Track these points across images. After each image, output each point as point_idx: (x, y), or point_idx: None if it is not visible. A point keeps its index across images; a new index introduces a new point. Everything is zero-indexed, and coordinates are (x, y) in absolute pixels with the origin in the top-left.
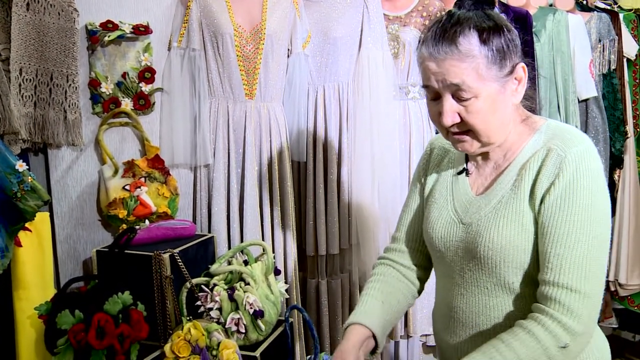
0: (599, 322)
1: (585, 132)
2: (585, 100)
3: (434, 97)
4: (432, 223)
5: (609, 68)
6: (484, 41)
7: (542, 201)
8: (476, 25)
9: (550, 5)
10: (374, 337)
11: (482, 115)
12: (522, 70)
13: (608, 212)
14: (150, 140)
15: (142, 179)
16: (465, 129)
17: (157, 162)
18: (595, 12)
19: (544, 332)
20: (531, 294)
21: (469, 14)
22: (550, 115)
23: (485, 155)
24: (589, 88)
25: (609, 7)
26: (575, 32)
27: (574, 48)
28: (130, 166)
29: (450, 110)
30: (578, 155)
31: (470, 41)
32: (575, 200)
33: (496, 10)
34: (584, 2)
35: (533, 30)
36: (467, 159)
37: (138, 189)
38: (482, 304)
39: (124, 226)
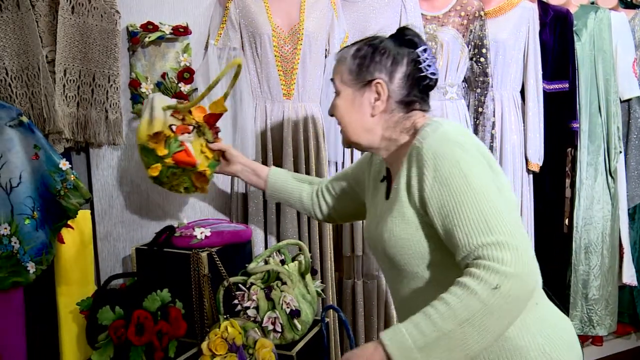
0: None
1: (628, 133)
2: (628, 101)
3: None
4: (365, 228)
5: None
6: (354, 54)
7: (421, 194)
8: (361, 42)
9: (592, 3)
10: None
11: (339, 110)
12: (379, 86)
13: (481, 170)
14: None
15: (191, 128)
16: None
17: (212, 118)
18: (639, 9)
19: (470, 279)
20: (442, 278)
21: (377, 37)
22: (590, 116)
23: (389, 163)
24: (632, 88)
25: None
26: (618, 30)
27: (616, 46)
28: (179, 110)
29: (332, 102)
30: (432, 141)
31: (348, 52)
32: (447, 178)
33: (424, 48)
34: None
35: (574, 29)
36: (388, 168)
37: (183, 135)
38: (405, 297)
39: (156, 168)
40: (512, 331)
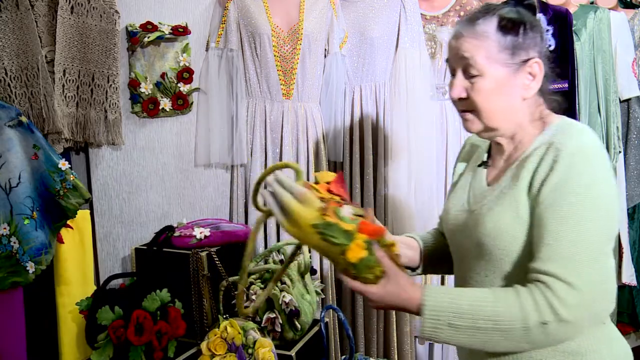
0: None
1: (627, 132)
2: (627, 100)
3: (453, 73)
4: (446, 210)
5: None
6: (502, 27)
7: (538, 193)
8: (500, 13)
9: (592, 2)
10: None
11: (484, 95)
12: (536, 66)
13: (605, 206)
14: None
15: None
16: (469, 107)
17: (340, 185)
18: (639, 8)
19: (529, 299)
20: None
21: (500, 5)
22: (589, 116)
23: (500, 149)
24: (632, 87)
25: None
26: (617, 30)
27: (616, 46)
28: (307, 188)
29: (459, 84)
30: (575, 148)
31: (488, 24)
32: (568, 192)
33: (540, 16)
34: None
35: (573, 29)
36: (490, 153)
37: (343, 209)
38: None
39: (360, 246)
40: (586, 347)
